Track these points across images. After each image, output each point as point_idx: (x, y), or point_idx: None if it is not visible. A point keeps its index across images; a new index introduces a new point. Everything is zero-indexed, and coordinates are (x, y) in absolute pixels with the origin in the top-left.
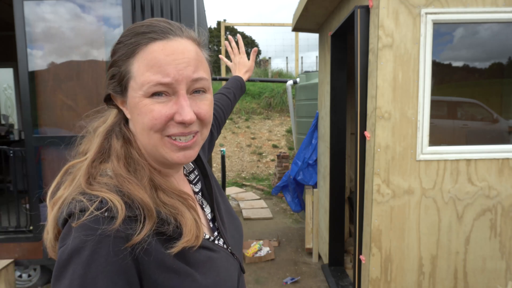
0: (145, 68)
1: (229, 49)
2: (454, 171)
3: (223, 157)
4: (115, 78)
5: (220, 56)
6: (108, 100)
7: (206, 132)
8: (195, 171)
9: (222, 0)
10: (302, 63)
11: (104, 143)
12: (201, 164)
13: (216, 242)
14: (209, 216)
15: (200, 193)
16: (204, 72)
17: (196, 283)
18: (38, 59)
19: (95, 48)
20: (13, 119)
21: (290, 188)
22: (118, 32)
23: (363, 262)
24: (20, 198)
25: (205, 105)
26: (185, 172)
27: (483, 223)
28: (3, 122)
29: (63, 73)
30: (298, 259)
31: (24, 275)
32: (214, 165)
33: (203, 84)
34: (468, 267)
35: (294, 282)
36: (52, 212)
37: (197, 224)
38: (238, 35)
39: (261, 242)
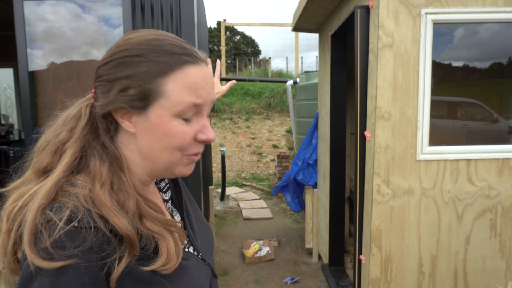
0: (182, 89)
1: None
2: (454, 171)
3: (223, 157)
4: (132, 92)
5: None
6: (108, 115)
7: None
8: (165, 179)
9: (222, 0)
10: (302, 63)
11: (76, 162)
12: None
13: (187, 249)
14: (180, 225)
15: (170, 201)
16: None
17: None
18: (38, 59)
19: (95, 48)
20: (13, 119)
21: (290, 188)
22: (118, 32)
23: (363, 262)
24: None
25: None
26: (156, 180)
27: (483, 223)
28: (3, 122)
29: (63, 73)
30: (298, 259)
31: None
32: (214, 165)
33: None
34: (468, 267)
35: (294, 282)
36: (6, 226)
37: (177, 247)
38: (218, 61)
39: (261, 242)
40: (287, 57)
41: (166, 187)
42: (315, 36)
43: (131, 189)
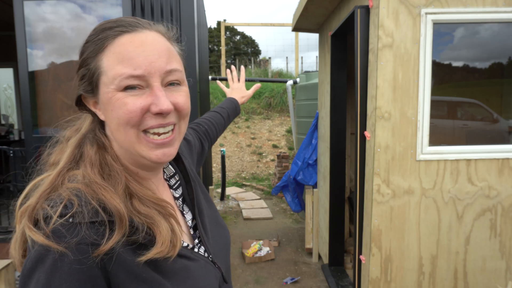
0: (116, 61)
1: (229, 76)
2: (454, 171)
3: (223, 157)
4: (85, 78)
5: (217, 82)
6: (80, 104)
7: (184, 126)
8: (176, 176)
9: (222, 0)
10: (302, 63)
11: (75, 151)
12: (183, 169)
13: (196, 250)
14: (190, 223)
15: (180, 199)
16: (178, 64)
17: None
18: (38, 59)
19: None
20: (13, 119)
21: (290, 188)
22: None
23: (363, 262)
24: None
25: (181, 96)
26: (165, 177)
27: (483, 223)
28: (3, 122)
29: (63, 73)
30: (298, 259)
31: None
32: (214, 165)
33: (177, 76)
34: (468, 267)
35: (294, 282)
36: (20, 225)
37: (174, 234)
38: (242, 67)
39: (261, 242)
40: (287, 57)
41: (177, 184)
42: (315, 36)
43: (118, 167)
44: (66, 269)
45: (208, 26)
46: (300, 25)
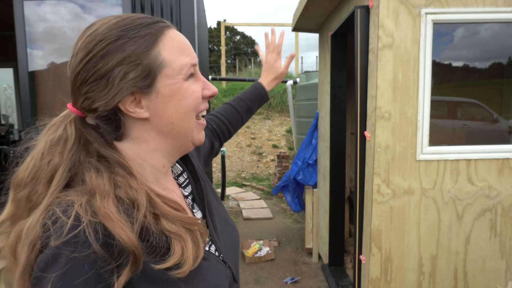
0: (178, 53)
1: (266, 41)
2: (454, 171)
3: (223, 157)
4: (133, 74)
5: (256, 46)
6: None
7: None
8: (183, 174)
9: (222, 0)
10: (302, 63)
11: (67, 171)
12: (192, 168)
13: (207, 248)
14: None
15: (190, 197)
16: None
17: None
18: (38, 59)
19: None
20: (13, 119)
21: (290, 188)
22: None
23: (363, 262)
24: None
25: None
26: (173, 175)
27: (483, 223)
28: (3, 122)
29: (63, 73)
30: (298, 259)
31: None
32: (214, 165)
33: None
34: (468, 267)
35: (294, 282)
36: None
37: (198, 248)
38: (283, 31)
39: (261, 242)
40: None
41: (186, 182)
42: (315, 36)
43: (141, 190)
44: (80, 268)
45: (208, 26)
46: (300, 25)
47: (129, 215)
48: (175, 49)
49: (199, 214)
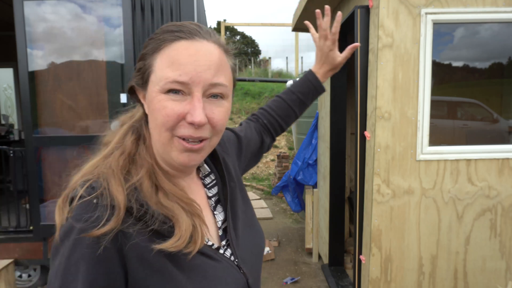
0: (166, 64)
1: (318, 22)
2: (454, 171)
3: None
4: (140, 71)
5: (305, 22)
6: (133, 92)
7: (215, 140)
8: (211, 175)
9: (222, 0)
10: (302, 63)
11: (123, 137)
12: (221, 169)
13: (222, 251)
14: (220, 224)
15: (213, 198)
16: (225, 79)
17: None
18: (38, 59)
19: (95, 48)
20: (13, 119)
21: (290, 188)
22: (118, 32)
23: (363, 262)
24: (20, 198)
25: (220, 112)
26: (200, 175)
27: (483, 223)
28: (3, 122)
29: (63, 73)
30: (298, 259)
31: (24, 275)
32: None
33: (221, 90)
34: (468, 267)
35: (294, 282)
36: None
37: (196, 230)
38: (339, 13)
39: None
40: (287, 57)
41: (212, 184)
42: None
43: (147, 160)
44: (84, 246)
45: (208, 26)
46: (300, 25)
47: (133, 173)
48: (167, 60)
49: (220, 216)
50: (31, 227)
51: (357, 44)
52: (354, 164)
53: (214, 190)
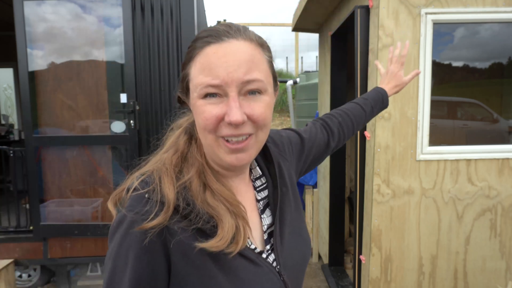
0: (199, 71)
1: (390, 55)
2: (454, 171)
3: None
4: (183, 81)
5: (376, 62)
6: (182, 102)
7: (262, 135)
8: (262, 178)
9: (222, 0)
10: (302, 63)
11: (177, 138)
12: (273, 173)
13: (264, 256)
14: (265, 228)
15: (262, 202)
16: (259, 73)
17: None
18: (38, 59)
19: (95, 48)
20: (13, 119)
21: None
22: (119, 32)
23: (363, 262)
24: (20, 198)
25: (259, 106)
26: (252, 177)
27: (483, 223)
28: (3, 122)
29: (63, 73)
30: None
31: (24, 275)
32: None
33: (257, 86)
34: (468, 267)
35: None
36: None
37: (238, 232)
38: (407, 42)
39: None
40: (287, 57)
41: (262, 187)
42: (315, 36)
43: (198, 159)
44: (133, 236)
45: (208, 26)
46: (300, 25)
47: (184, 171)
48: (200, 67)
49: (267, 220)
50: (31, 227)
51: (418, 71)
52: (354, 164)
53: (264, 194)
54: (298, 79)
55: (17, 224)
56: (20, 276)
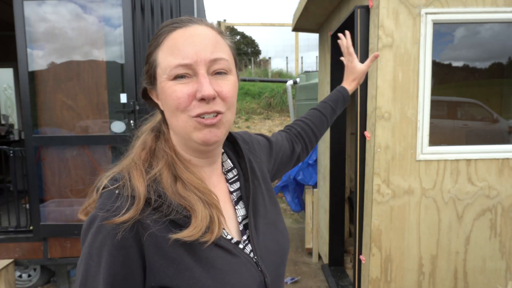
0: (167, 54)
1: (342, 48)
2: (454, 171)
3: None
4: (147, 72)
5: (341, 58)
6: (147, 97)
7: (230, 115)
8: (233, 171)
9: (222, 0)
10: (302, 63)
11: (144, 138)
12: (244, 166)
13: (241, 246)
14: (240, 219)
15: (235, 193)
16: (224, 53)
17: (194, 280)
18: (38, 59)
19: (96, 48)
20: (13, 119)
21: (290, 188)
22: (119, 32)
23: (363, 262)
24: (20, 198)
25: (227, 84)
26: (223, 170)
27: (483, 223)
28: (3, 122)
29: (63, 73)
30: (298, 259)
31: (24, 275)
32: None
33: (223, 65)
34: (468, 267)
35: (294, 282)
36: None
37: (212, 221)
38: (347, 32)
39: None
40: (287, 57)
41: (234, 179)
42: (315, 36)
43: (167, 152)
44: (105, 233)
45: None
46: (300, 25)
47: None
48: (168, 50)
49: (242, 212)
50: (31, 227)
51: (377, 54)
52: (354, 164)
53: (236, 186)
54: (298, 79)
55: (17, 224)
56: (20, 276)
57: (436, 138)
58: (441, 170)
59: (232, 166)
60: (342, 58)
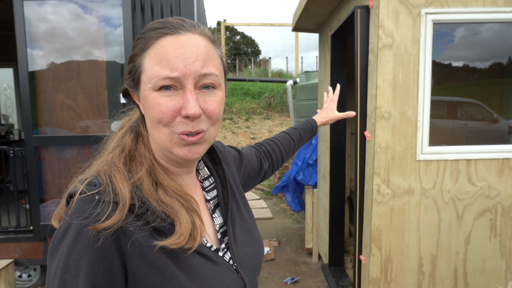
0: (155, 62)
1: (325, 98)
2: (454, 171)
3: None
4: (130, 73)
5: (324, 93)
6: (128, 95)
7: (213, 131)
8: (210, 179)
9: (222, 0)
10: (302, 63)
11: (121, 138)
12: (222, 174)
13: (221, 254)
14: (217, 227)
15: (212, 202)
16: (214, 68)
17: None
18: (38, 59)
19: (96, 48)
20: (13, 119)
21: (290, 188)
22: (119, 32)
23: (363, 262)
24: (20, 198)
25: (214, 101)
26: (199, 178)
27: (483, 223)
28: (3, 122)
29: (63, 73)
30: (298, 259)
31: (24, 275)
32: None
33: (212, 80)
34: (468, 267)
35: (294, 282)
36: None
37: (195, 227)
38: (338, 85)
39: None
40: (287, 57)
41: (211, 187)
42: (315, 36)
43: (147, 156)
44: (85, 243)
45: (208, 26)
46: (300, 25)
47: (133, 170)
48: (155, 58)
49: (219, 220)
50: (31, 227)
51: (353, 113)
52: (354, 164)
53: (212, 194)
54: (298, 79)
55: (17, 224)
56: (20, 276)
57: (436, 138)
58: (441, 170)
59: (209, 174)
60: (325, 97)
